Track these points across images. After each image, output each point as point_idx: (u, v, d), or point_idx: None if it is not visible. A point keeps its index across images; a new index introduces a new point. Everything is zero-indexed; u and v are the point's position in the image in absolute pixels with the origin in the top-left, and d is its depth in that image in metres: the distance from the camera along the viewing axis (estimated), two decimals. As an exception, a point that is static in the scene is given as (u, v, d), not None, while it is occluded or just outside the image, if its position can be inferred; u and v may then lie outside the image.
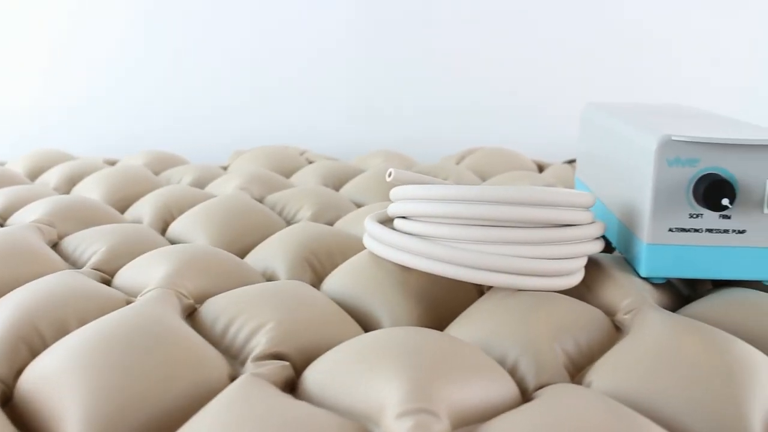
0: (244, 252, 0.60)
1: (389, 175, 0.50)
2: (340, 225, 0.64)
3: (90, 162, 0.87)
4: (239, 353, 0.42)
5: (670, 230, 0.46)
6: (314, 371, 0.38)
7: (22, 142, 1.16)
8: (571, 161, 0.98)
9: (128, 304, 0.46)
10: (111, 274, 0.54)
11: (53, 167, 0.88)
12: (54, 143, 1.15)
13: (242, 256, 0.59)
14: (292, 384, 0.39)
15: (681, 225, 0.46)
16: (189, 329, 0.41)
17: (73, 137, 1.18)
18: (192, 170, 0.85)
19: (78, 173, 0.83)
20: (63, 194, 0.78)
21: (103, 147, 1.16)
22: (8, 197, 0.70)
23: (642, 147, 0.47)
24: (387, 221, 0.53)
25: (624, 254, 0.51)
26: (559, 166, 0.93)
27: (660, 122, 0.51)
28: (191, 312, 0.46)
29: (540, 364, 0.39)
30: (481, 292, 0.49)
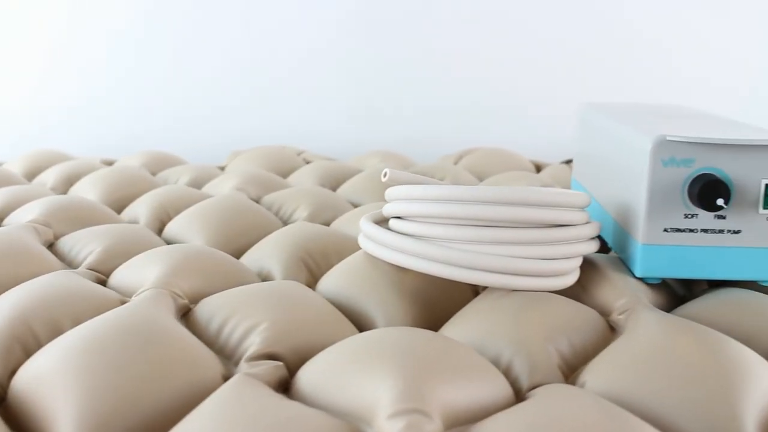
0: (240, 252, 0.60)
1: (384, 176, 0.50)
2: (337, 225, 0.64)
3: (87, 162, 0.87)
4: (233, 353, 0.42)
5: (665, 230, 0.46)
6: (308, 371, 0.38)
7: (22, 142, 1.16)
8: (569, 161, 0.98)
9: (123, 305, 0.46)
10: (106, 275, 0.54)
11: (50, 167, 0.88)
12: (53, 143, 1.15)
13: (238, 257, 0.59)
14: (286, 384, 0.39)
15: (676, 225, 0.46)
16: (183, 329, 0.41)
17: (73, 137, 1.18)
18: (189, 170, 0.85)
19: (75, 173, 0.83)
20: (60, 194, 0.78)
21: (103, 147, 1.16)
22: (5, 197, 0.70)
23: (637, 147, 0.47)
24: (382, 221, 0.53)
25: (619, 254, 0.51)
26: (557, 167, 0.93)
27: (655, 122, 0.51)
28: (186, 312, 0.46)
29: (533, 365, 0.39)
30: (476, 293, 0.49)
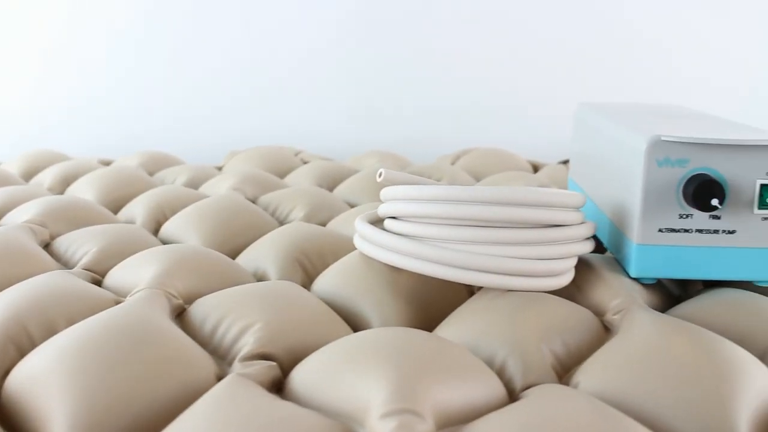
0: (236, 252, 0.60)
1: (379, 176, 0.50)
2: (333, 225, 0.64)
3: (84, 162, 0.87)
4: (227, 353, 0.42)
5: (660, 231, 0.46)
6: (301, 371, 0.38)
7: (22, 142, 1.16)
8: (566, 161, 0.98)
9: (117, 305, 0.46)
10: (102, 275, 0.54)
11: (48, 167, 0.88)
12: (53, 143, 1.15)
13: (234, 257, 0.59)
14: (279, 384, 0.39)
15: (671, 225, 0.46)
16: (177, 329, 0.41)
17: (73, 137, 1.18)
18: (186, 171, 0.86)
19: (72, 173, 0.83)
20: (57, 195, 0.78)
21: (103, 147, 1.16)
22: (2, 198, 0.70)
23: (632, 147, 0.47)
24: (377, 222, 0.53)
25: (615, 255, 0.51)
26: (554, 167, 0.93)
27: (650, 122, 0.51)
28: (180, 312, 0.46)
29: (527, 365, 0.39)
30: (471, 293, 0.49)
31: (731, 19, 1.15)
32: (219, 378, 0.39)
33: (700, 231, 0.46)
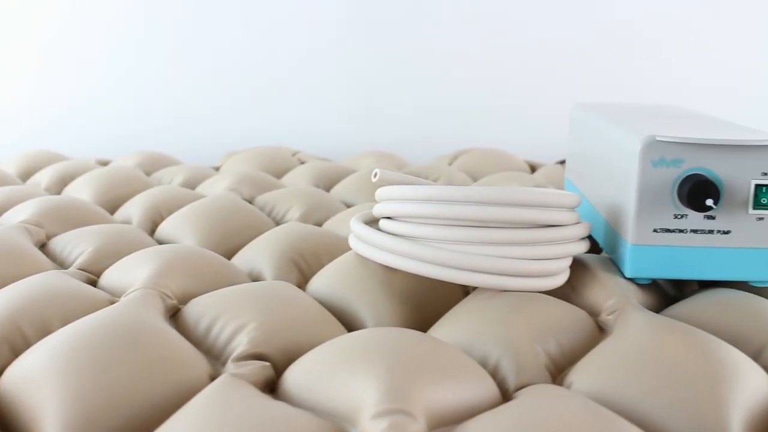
0: (232, 252, 0.60)
1: (375, 176, 0.50)
2: (329, 225, 0.64)
3: (81, 162, 0.87)
4: (221, 353, 0.42)
5: (655, 231, 0.46)
6: (294, 371, 0.38)
7: (22, 142, 1.16)
8: (563, 162, 0.98)
9: (112, 305, 0.46)
10: (97, 275, 0.54)
11: (45, 167, 0.88)
12: (53, 143, 1.15)
13: (230, 257, 0.59)
14: (273, 384, 0.39)
15: (666, 225, 0.46)
16: (171, 330, 0.41)
17: (73, 137, 1.18)
18: (183, 171, 0.86)
19: (69, 174, 0.83)
20: (54, 195, 0.78)
21: (102, 147, 1.16)
22: (-1, 197, 0.70)
23: (627, 147, 0.47)
24: (372, 222, 0.53)
25: (610, 255, 0.51)
26: (551, 167, 0.93)
27: (645, 122, 0.51)
28: (175, 312, 0.46)
29: (521, 365, 0.39)
30: (466, 293, 0.49)
31: (730, 20, 1.15)
32: (212, 378, 0.39)
33: (695, 231, 0.46)
